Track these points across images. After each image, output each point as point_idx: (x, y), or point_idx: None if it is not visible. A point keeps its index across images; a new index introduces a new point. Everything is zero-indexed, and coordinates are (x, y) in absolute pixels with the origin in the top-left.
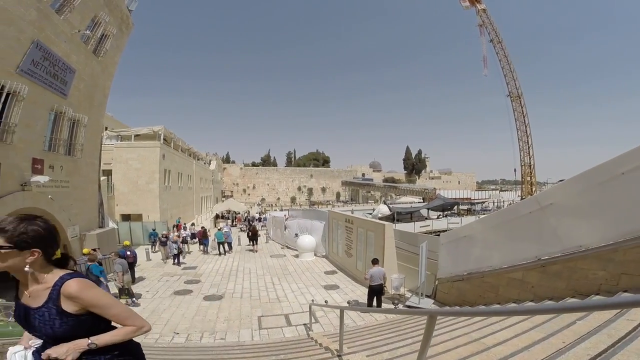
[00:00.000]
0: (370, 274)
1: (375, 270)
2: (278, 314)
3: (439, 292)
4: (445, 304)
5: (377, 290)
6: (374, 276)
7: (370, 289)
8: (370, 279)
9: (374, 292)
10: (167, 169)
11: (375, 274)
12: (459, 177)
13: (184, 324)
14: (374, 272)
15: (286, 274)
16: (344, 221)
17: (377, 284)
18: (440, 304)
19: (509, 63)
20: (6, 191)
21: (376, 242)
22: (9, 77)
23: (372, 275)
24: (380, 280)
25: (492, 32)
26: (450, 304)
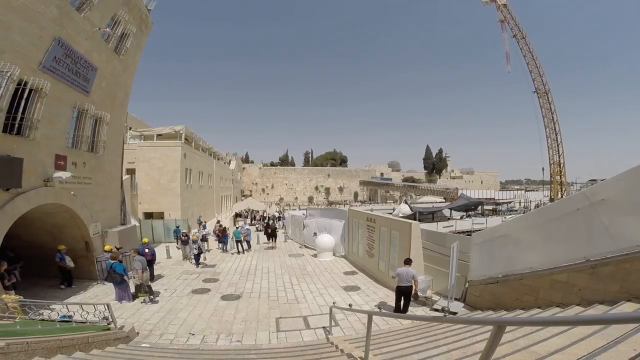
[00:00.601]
0: (397, 273)
1: (403, 270)
2: (296, 316)
3: (469, 295)
4: (477, 307)
5: (404, 292)
6: (400, 276)
7: (397, 290)
8: (398, 278)
9: (401, 294)
10: (188, 168)
11: (402, 274)
12: (481, 176)
13: (201, 325)
14: (401, 271)
15: (305, 274)
16: (365, 220)
17: (404, 285)
18: (471, 308)
19: (535, 59)
20: (29, 187)
21: (401, 242)
22: (32, 74)
23: (399, 274)
24: (408, 282)
25: (514, 27)
26: (482, 308)
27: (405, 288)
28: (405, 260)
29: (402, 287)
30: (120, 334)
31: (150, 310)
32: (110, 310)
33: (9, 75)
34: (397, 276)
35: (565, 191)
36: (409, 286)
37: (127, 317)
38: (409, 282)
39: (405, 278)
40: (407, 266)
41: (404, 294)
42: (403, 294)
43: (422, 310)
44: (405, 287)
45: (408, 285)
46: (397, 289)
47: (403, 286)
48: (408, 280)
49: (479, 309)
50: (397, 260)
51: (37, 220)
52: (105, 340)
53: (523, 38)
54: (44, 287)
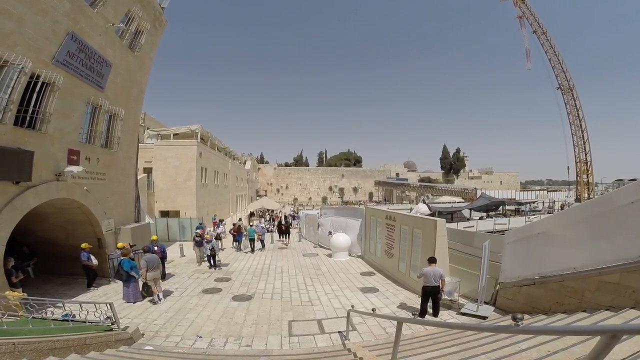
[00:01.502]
0: (423, 272)
1: (429, 269)
2: (310, 319)
3: (500, 298)
4: (509, 311)
5: (430, 292)
6: (427, 276)
7: (423, 290)
8: (424, 278)
9: (428, 295)
10: (203, 167)
11: (429, 274)
12: (501, 176)
13: (209, 327)
14: (427, 271)
15: (319, 275)
16: (384, 218)
17: (431, 285)
18: (502, 312)
19: (557, 54)
20: (40, 180)
21: (424, 241)
22: (45, 67)
23: (425, 274)
24: (435, 282)
25: (534, 23)
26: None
27: (432, 288)
28: (430, 259)
29: (429, 288)
30: (123, 335)
31: (158, 310)
32: (113, 310)
33: (21, 68)
34: (423, 276)
35: (592, 191)
36: (437, 286)
37: (134, 317)
38: (436, 282)
39: (432, 278)
40: (433, 265)
41: (432, 295)
42: (430, 294)
43: (448, 314)
44: (432, 287)
45: (435, 285)
46: (424, 290)
47: (430, 286)
48: (435, 280)
49: (510, 312)
50: (420, 260)
51: (50, 216)
52: (106, 342)
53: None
54: (56, 284)
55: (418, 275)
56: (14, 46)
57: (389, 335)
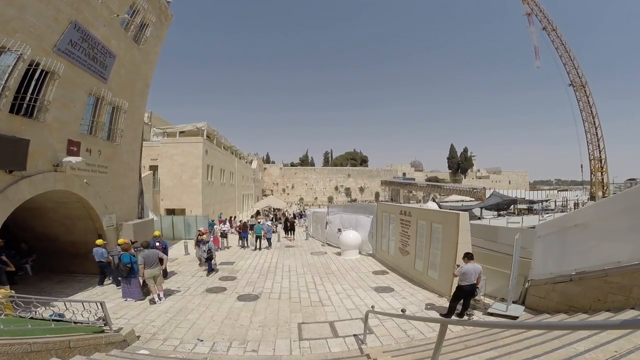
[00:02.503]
0: (463, 270)
1: (470, 267)
2: (321, 321)
3: (530, 296)
4: (540, 310)
5: (468, 292)
6: (467, 274)
7: (459, 290)
8: (462, 277)
9: (463, 294)
10: (209, 165)
11: (470, 272)
12: (509, 176)
13: (211, 329)
14: (468, 268)
15: (328, 273)
16: (398, 213)
17: (469, 284)
18: (533, 312)
19: (568, 51)
20: (36, 171)
21: (445, 237)
22: (45, 55)
23: (466, 272)
24: (474, 280)
25: (543, 19)
26: (549, 311)
27: (470, 287)
28: (467, 254)
29: (467, 287)
30: (115, 337)
31: (157, 311)
32: (104, 309)
33: (19, 55)
34: (463, 274)
35: (607, 189)
36: (474, 285)
37: (131, 317)
38: (474, 281)
39: (472, 276)
40: (472, 262)
41: (468, 295)
42: (466, 294)
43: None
44: (470, 285)
45: (473, 284)
46: (459, 289)
47: (467, 285)
48: (474, 278)
49: (544, 312)
50: (440, 257)
51: (49, 210)
52: (94, 345)
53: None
54: (53, 282)
55: (455, 274)
56: (13, 33)
57: (410, 338)
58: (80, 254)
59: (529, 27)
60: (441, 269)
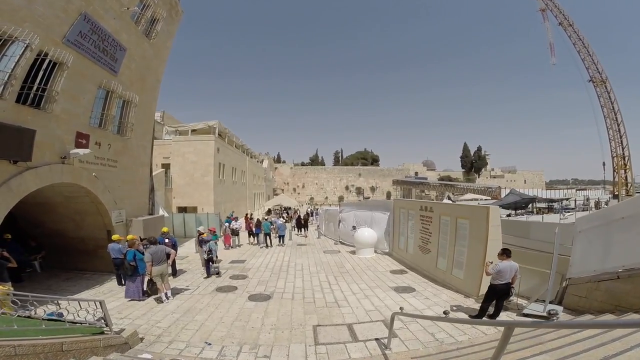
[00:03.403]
0: (499, 268)
1: (506, 264)
2: (338, 324)
3: (569, 296)
4: (581, 311)
5: (502, 292)
6: (504, 272)
7: (492, 289)
8: (497, 275)
9: (498, 294)
10: (221, 163)
11: (506, 269)
12: (525, 175)
13: (220, 331)
14: (504, 266)
15: (343, 272)
16: (417, 209)
17: (504, 282)
18: (572, 312)
19: (586, 46)
20: (42, 162)
21: (472, 233)
22: (54, 46)
23: (502, 270)
24: (509, 279)
25: (559, 15)
26: (591, 311)
27: (505, 287)
28: (504, 251)
29: (502, 286)
30: (116, 339)
31: (164, 311)
32: (104, 309)
33: (27, 44)
34: (499, 273)
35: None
36: (509, 284)
37: (136, 317)
38: (509, 280)
39: (508, 274)
40: (509, 259)
41: (503, 294)
42: (501, 293)
43: (507, 315)
44: (505, 285)
45: (508, 283)
46: (493, 288)
47: (503, 284)
48: (510, 276)
49: (585, 312)
50: (466, 255)
51: (59, 205)
52: (91, 348)
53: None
54: (61, 279)
55: (489, 272)
56: (22, 22)
57: (439, 342)
58: (89, 251)
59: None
60: (468, 268)
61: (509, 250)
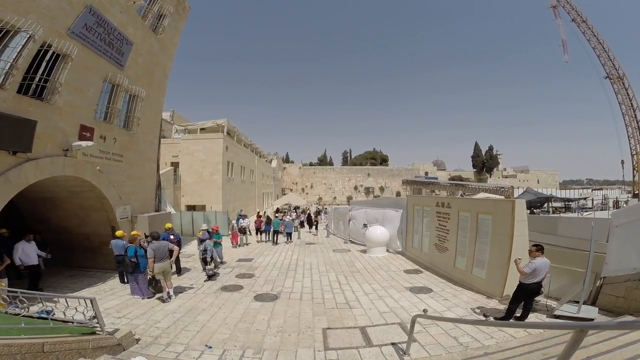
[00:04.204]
0: (535, 266)
1: (541, 261)
2: (350, 327)
3: (604, 296)
4: (619, 312)
5: (533, 292)
6: (538, 270)
7: (522, 289)
8: (531, 273)
9: (527, 294)
10: (230, 161)
11: (541, 267)
12: (538, 175)
13: (223, 333)
14: (540, 263)
15: (354, 272)
16: (433, 206)
17: (536, 281)
18: (610, 314)
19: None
20: (43, 154)
21: (495, 229)
22: (58, 37)
23: (538, 268)
24: (542, 277)
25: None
26: (630, 312)
27: (537, 286)
28: (537, 246)
29: (534, 285)
30: (107, 340)
31: (164, 310)
32: (95, 307)
33: (30, 34)
34: (534, 271)
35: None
36: (540, 283)
37: (135, 316)
38: (542, 278)
39: (543, 272)
40: (543, 255)
41: (533, 295)
42: (531, 294)
43: (535, 317)
44: (537, 284)
45: (539, 282)
46: (523, 288)
47: (534, 283)
48: (543, 275)
49: (624, 313)
50: (489, 254)
51: (64, 200)
52: (78, 349)
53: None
54: (63, 276)
55: (523, 270)
56: (26, 13)
57: (464, 347)
58: (93, 248)
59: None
60: (490, 267)
61: (541, 246)
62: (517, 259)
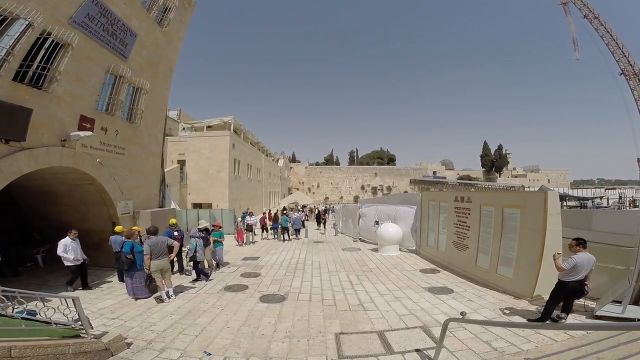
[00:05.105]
0: (576, 262)
1: (584, 257)
2: (367, 331)
3: None
4: None
5: (574, 291)
6: (579, 266)
7: (562, 288)
8: (572, 270)
9: (568, 293)
10: (236, 159)
11: (584, 264)
12: (548, 174)
13: (224, 338)
14: (582, 259)
15: (366, 271)
16: (452, 201)
17: (578, 279)
18: None
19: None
20: (39, 143)
21: (525, 224)
22: (59, 26)
23: (578, 264)
24: (584, 275)
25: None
26: None
27: (578, 285)
28: (579, 241)
29: (574, 284)
30: (92, 345)
31: (162, 311)
32: (78, 307)
33: (28, 22)
34: (575, 267)
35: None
36: (582, 281)
37: (129, 318)
38: (584, 276)
39: (585, 269)
40: (585, 250)
41: (574, 294)
42: (571, 293)
43: (573, 317)
44: (578, 283)
45: (582, 280)
46: (562, 287)
47: (575, 281)
48: (586, 272)
49: None
50: (517, 251)
51: (64, 195)
52: (55, 354)
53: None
54: (61, 274)
55: (562, 266)
56: (26, 1)
57: (499, 352)
58: (94, 245)
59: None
60: (519, 265)
61: (584, 240)
62: (557, 254)
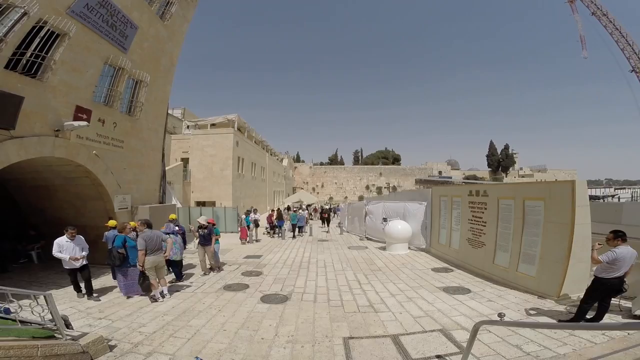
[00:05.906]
0: (616, 255)
1: (625, 251)
2: (379, 335)
3: None
4: None
5: (613, 288)
6: (620, 261)
7: (599, 285)
8: (611, 264)
9: (606, 291)
10: (240, 157)
11: (625, 258)
12: (556, 174)
13: (219, 342)
14: (624, 253)
15: (375, 270)
16: (465, 195)
17: (618, 275)
18: None
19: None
20: (30, 133)
21: (550, 217)
22: (56, 15)
23: (618, 258)
24: (625, 271)
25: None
26: None
27: (619, 281)
28: (618, 233)
29: (614, 280)
30: (67, 347)
31: (154, 311)
32: (51, 305)
33: (23, 11)
34: (614, 261)
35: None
36: (622, 278)
37: (118, 318)
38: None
39: (627, 264)
40: (625, 243)
41: (611, 292)
42: (610, 291)
43: (608, 317)
44: (618, 280)
45: (622, 277)
46: (599, 284)
47: (615, 277)
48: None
49: None
50: (540, 247)
51: (59, 189)
52: (18, 357)
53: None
54: (54, 271)
55: (599, 259)
56: None
57: (533, 357)
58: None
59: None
60: (543, 262)
61: (624, 232)
62: (597, 244)
